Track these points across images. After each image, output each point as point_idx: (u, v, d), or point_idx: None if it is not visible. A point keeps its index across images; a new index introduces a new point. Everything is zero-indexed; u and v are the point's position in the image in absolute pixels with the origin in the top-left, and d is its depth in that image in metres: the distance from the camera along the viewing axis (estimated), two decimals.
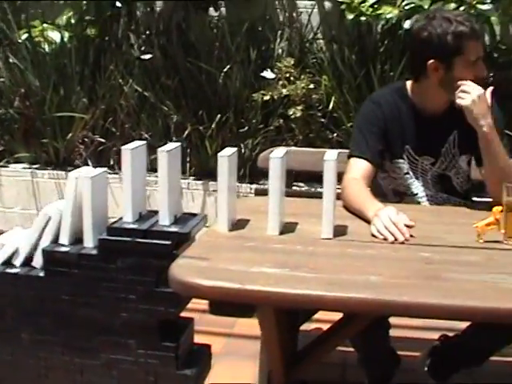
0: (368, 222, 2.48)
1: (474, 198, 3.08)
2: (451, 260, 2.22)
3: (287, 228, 2.46)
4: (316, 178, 4.60)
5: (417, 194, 2.96)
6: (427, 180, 2.95)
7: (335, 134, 4.89)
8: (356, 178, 2.77)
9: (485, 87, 2.74)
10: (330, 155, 2.40)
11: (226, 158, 2.42)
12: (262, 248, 2.30)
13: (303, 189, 4.70)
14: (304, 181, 4.70)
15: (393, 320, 2.86)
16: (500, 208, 2.34)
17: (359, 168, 2.82)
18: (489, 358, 2.92)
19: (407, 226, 2.38)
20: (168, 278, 2.06)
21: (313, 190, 4.61)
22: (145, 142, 2.72)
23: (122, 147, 2.60)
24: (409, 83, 2.97)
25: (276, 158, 2.39)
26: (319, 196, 2.45)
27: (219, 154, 2.43)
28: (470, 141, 2.79)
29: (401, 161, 2.93)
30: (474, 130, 2.72)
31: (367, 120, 2.94)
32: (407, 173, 2.94)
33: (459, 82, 2.71)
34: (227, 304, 2.05)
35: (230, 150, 2.48)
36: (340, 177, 2.74)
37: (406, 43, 2.92)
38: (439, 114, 2.92)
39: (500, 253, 2.28)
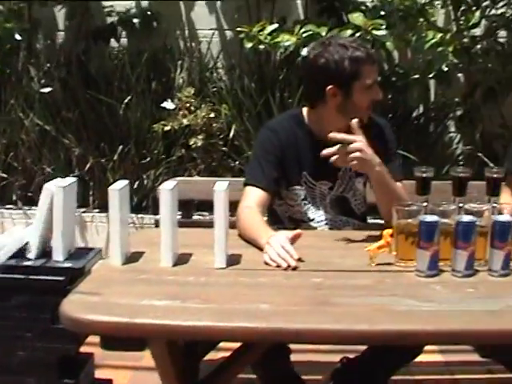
0: (262, 249, 2.48)
1: (370, 220, 3.12)
2: (342, 284, 2.23)
3: (181, 259, 2.44)
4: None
5: (313, 220, 2.98)
6: (326, 204, 2.97)
7: (237, 162, 4.91)
8: (250, 207, 2.77)
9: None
10: (220, 185, 2.39)
11: (117, 192, 2.39)
12: (154, 280, 2.28)
13: (207, 218, 4.68)
14: (207, 210, 4.69)
15: (295, 344, 2.86)
16: (390, 231, 2.37)
17: (254, 196, 2.82)
18: (391, 377, 2.94)
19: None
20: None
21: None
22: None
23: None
24: (305, 110, 2.99)
25: (165, 190, 2.38)
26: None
27: (109, 188, 2.40)
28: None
29: (298, 187, 2.94)
30: (386, 152, 2.76)
31: (263, 148, 2.95)
32: (304, 199, 2.95)
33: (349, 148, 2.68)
34: (118, 338, 2.02)
35: (120, 183, 2.46)
36: (236, 205, 2.76)
37: (303, 70, 2.93)
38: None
39: (391, 275, 2.31)
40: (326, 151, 2.62)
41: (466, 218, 2.27)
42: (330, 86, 2.81)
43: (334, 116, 2.86)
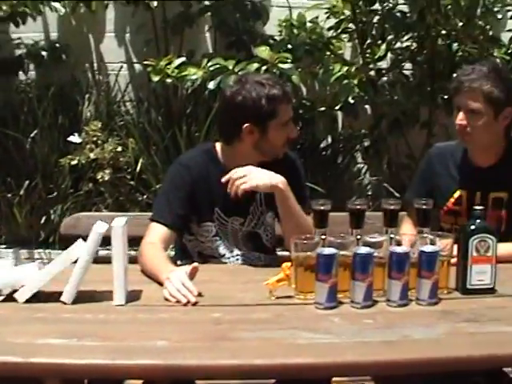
0: (162, 285, 2.46)
1: (280, 253, 3.12)
2: (242, 319, 2.22)
3: (81, 296, 2.39)
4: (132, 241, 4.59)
5: (224, 255, 2.96)
6: (238, 240, 2.95)
7: (145, 196, 4.89)
8: (153, 242, 2.74)
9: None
10: (118, 221, 2.37)
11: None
12: (52, 319, 2.23)
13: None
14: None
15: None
16: (289, 264, 2.37)
17: (157, 232, 2.79)
18: None
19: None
20: None
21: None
22: None
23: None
24: (218, 145, 2.97)
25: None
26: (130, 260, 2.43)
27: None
28: (273, 197, 2.81)
29: (209, 224, 2.92)
30: (296, 184, 2.77)
31: (173, 183, 2.91)
32: (215, 235, 2.93)
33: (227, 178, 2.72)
34: (14, 379, 1.98)
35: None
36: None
37: (219, 107, 2.94)
38: None
39: (291, 308, 2.31)
40: (224, 178, 2.64)
41: (363, 250, 2.30)
42: (246, 124, 2.81)
43: (250, 153, 2.87)
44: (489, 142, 2.95)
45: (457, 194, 3.02)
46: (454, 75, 3.01)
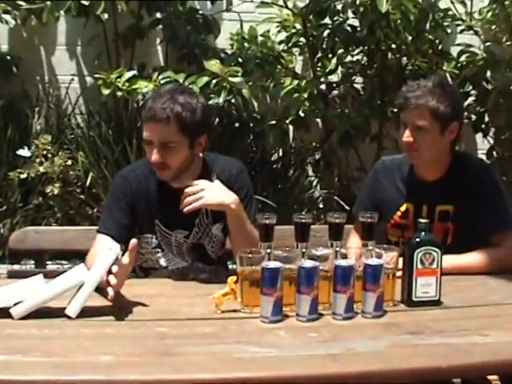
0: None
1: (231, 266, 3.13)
2: (187, 333, 2.21)
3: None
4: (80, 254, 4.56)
5: (167, 267, 2.95)
6: (183, 252, 2.94)
7: (95, 210, 4.86)
8: (97, 253, 2.73)
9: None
10: (115, 247, 2.43)
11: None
12: None
13: (66, 266, 4.61)
14: (68, 258, 4.62)
15: None
16: (235, 277, 2.37)
17: (103, 244, 2.77)
18: None
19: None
20: None
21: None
22: None
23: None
24: None
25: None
26: None
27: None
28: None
29: (149, 235, 2.91)
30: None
31: (115, 195, 2.93)
32: (156, 247, 2.93)
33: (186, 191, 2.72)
34: None
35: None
36: None
37: None
38: (188, 185, 2.94)
39: (236, 322, 2.30)
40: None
41: (308, 263, 2.31)
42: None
43: (186, 163, 2.86)
44: (435, 156, 2.98)
45: (403, 208, 3.04)
46: (400, 91, 3.00)
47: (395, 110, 5.15)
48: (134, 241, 2.48)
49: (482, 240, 2.95)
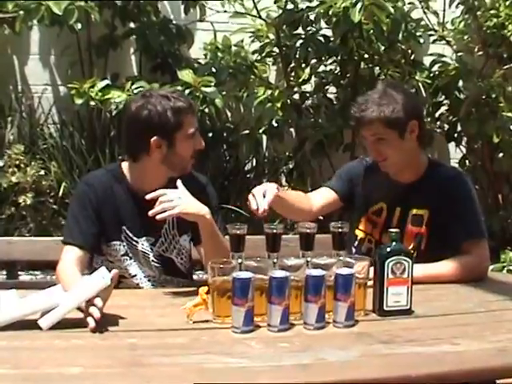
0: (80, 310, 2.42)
1: (196, 277, 3.13)
2: (158, 344, 2.20)
3: None
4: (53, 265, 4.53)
5: (136, 276, 2.93)
6: (149, 262, 2.93)
7: None
8: (68, 267, 2.71)
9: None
10: (106, 276, 2.38)
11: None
12: None
13: (39, 277, 4.60)
14: (41, 269, 4.61)
15: None
16: (206, 288, 2.37)
17: (71, 255, 2.75)
18: None
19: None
20: None
21: (48, 278, 4.54)
22: None
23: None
24: (125, 164, 2.94)
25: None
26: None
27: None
28: (188, 221, 2.80)
29: (117, 243, 2.89)
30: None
31: (80, 203, 2.87)
32: (125, 254, 2.90)
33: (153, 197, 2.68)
34: None
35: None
36: None
37: (125, 123, 2.92)
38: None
39: (208, 332, 2.30)
40: (149, 196, 2.65)
41: (280, 274, 2.31)
42: (154, 138, 2.79)
43: (158, 168, 2.85)
44: (406, 159, 3.01)
45: (378, 206, 3.07)
46: (352, 107, 3.01)
47: None
48: (115, 271, 2.46)
49: (452, 247, 2.97)
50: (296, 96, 5.39)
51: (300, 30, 5.29)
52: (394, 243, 2.50)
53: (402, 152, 2.97)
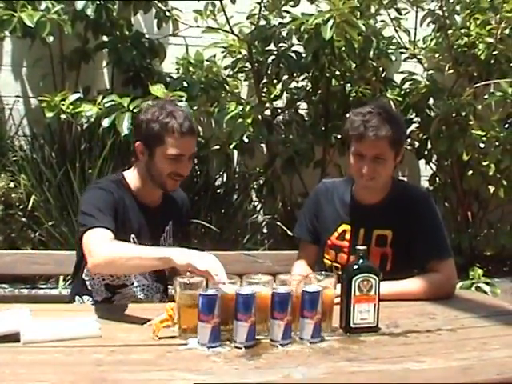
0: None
1: None
2: (123, 360, 2.19)
3: None
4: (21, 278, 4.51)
5: (133, 284, 2.95)
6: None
7: (37, 233, 4.80)
8: (110, 240, 2.65)
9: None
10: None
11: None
12: None
13: (7, 290, 4.56)
14: (9, 282, 4.57)
15: None
16: (173, 304, 2.37)
17: (104, 234, 2.66)
18: None
19: None
20: None
21: (16, 291, 4.51)
22: None
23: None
24: (127, 173, 2.99)
25: None
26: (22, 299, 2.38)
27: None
28: (182, 232, 2.81)
29: None
30: (186, 222, 2.75)
31: (104, 201, 2.81)
32: None
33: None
34: None
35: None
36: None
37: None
38: (156, 204, 2.98)
39: (174, 349, 2.29)
40: None
41: (246, 290, 2.31)
42: (138, 143, 2.87)
43: (146, 176, 2.90)
44: (386, 181, 3.03)
45: (341, 229, 3.09)
46: (352, 120, 2.96)
47: (339, 137, 5.23)
48: None
49: (419, 266, 2.99)
50: (267, 112, 5.40)
51: (272, 46, 5.31)
52: (361, 260, 2.51)
53: (388, 173, 3.00)
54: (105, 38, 5.33)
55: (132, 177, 2.96)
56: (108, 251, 2.57)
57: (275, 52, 5.30)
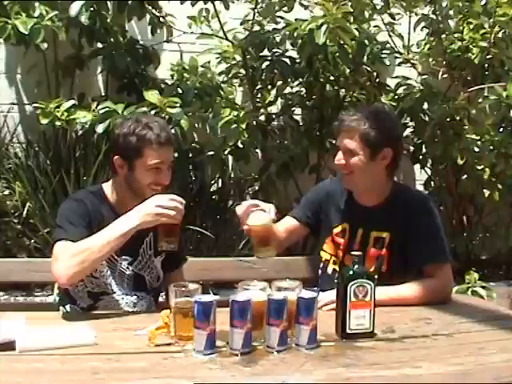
0: None
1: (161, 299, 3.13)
2: (118, 368, 2.19)
3: None
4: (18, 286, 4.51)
5: (116, 292, 2.95)
6: (123, 279, 2.95)
7: (32, 241, 4.79)
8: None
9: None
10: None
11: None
12: None
13: (2, 298, 4.56)
14: (5, 290, 4.57)
15: None
16: (168, 311, 2.37)
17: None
18: None
19: None
20: None
21: (12, 299, 4.52)
22: None
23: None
24: (106, 186, 3.00)
25: None
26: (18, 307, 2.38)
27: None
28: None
29: None
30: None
31: (73, 213, 2.86)
32: (107, 271, 2.92)
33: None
34: None
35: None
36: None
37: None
38: None
39: (169, 356, 2.29)
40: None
41: (242, 297, 2.31)
42: (116, 157, 2.88)
43: (125, 188, 2.91)
44: (369, 182, 3.04)
45: (341, 228, 3.10)
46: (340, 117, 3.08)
47: (334, 142, 5.22)
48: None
49: (415, 269, 3.00)
50: (262, 117, 5.40)
51: (266, 52, 5.31)
52: (356, 266, 2.52)
53: (367, 173, 2.99)
54: (99, 45, 5.32)
55: (111, 189, 2.98)
56: (73, 259, 2.68)
57: (269, 58, 5.29)
